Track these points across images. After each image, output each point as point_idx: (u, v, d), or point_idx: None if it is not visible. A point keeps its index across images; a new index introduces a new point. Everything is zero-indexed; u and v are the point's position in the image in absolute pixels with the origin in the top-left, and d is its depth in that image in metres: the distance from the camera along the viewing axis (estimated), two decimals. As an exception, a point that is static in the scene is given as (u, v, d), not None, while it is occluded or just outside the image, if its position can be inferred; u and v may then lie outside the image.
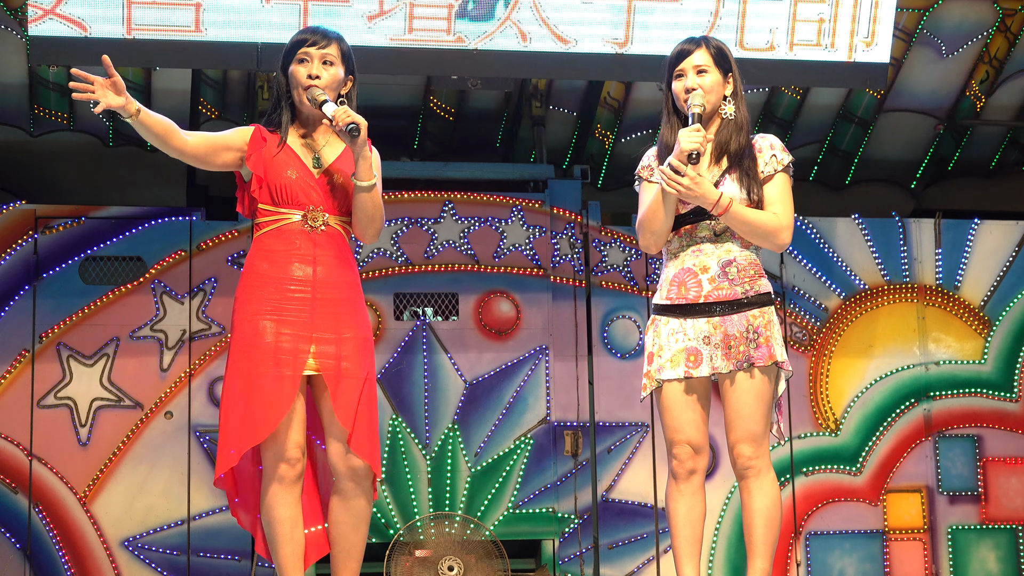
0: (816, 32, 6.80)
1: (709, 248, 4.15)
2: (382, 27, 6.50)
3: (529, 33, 6.58)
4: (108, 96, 3.90)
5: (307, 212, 4.05)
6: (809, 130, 8.37)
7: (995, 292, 7.70)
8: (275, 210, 4.07)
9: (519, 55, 6.73)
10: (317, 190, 4.07)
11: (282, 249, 4.04)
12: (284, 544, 4.03)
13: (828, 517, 7.41)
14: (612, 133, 8.11)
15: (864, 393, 7.51)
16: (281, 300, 4.02)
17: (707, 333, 4.11)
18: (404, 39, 6.53)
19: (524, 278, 7.27)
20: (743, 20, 6.75)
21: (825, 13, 6.78)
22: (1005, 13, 7.92)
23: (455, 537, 6.81)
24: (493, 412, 7.14)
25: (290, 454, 4.02)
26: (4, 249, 6.89)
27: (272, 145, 4.09)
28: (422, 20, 6.50)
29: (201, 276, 7.02)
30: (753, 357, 4.08)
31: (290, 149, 4.10)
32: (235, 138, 4.11)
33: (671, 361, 4.13)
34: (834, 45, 6.82)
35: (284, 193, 4.05)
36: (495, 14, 6.54)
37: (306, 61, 4.07)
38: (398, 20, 6.47)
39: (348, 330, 4.06)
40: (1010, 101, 8.39)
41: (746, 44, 6.77)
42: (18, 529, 6.73)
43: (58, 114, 7.63)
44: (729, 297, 4.11)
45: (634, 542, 7.19)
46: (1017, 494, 7.57)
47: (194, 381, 6.94)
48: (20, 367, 6.82)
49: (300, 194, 4.05)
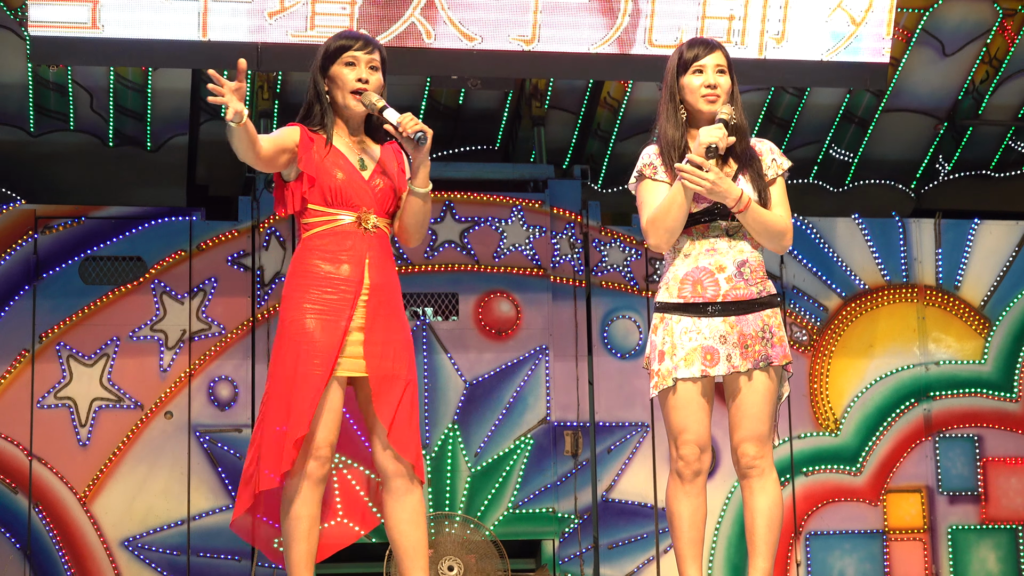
0: (726, 30, 6.77)
1: (724, 247, 4.15)
2: (283, 24, 6.41)
3: (434, 31, 6.53)
4: (234, 101, 3.88)
5: (360, 214, 4.07)
6: (809, 130, 8.37)
7: (995, 292, 7.70)
8: (326, 211, 4.06)
9: (519, 55, 6.72)
10: (367, 192, 4.09)
11: (334, 249, 4.05)
12: (300, 541, 4.00)
13: (828, 517, 7.41)
14: (612, 133, 8.12)
15: (864, 393, 7.51)
16: (333, 299, 4.02)
17: (723, 332, 4.11)
18: (306, 35, 6.45)
19: (524, 278, 7.27)
20: (652, 19, 6.69)
21: (736, 11, 6.75)
22: (1005, 13, 7.92)
23: (455, 537, 6.81)
24: (493, 412, 7.14)
25: (321, 452, 3.99)
26: (4, 249, 6.89)
27: (319, 146, 4.08)
28: (324, 16, 6.44)
29: (201, 276, 7.02)
30: (771, 356, 4.10)
31: (338, 150, 4.10)
32: (287, 139, 4.08)
33: (685, 360, 4.11)
34: (744, 43, 6.78)
35: (337, 194, 4.05)
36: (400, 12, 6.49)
37: (354, 65, 4.08)
38: (298, 18, 6.41)
39: (396, 332, 4.09)
40: (1010, 101, 8.39)
41: (655, 42, 6.72)
42: (18, 529, 6.73)
43: (58, 114, 7.63)
44: (746, 297, 4.12)
45: (634, 542, 7.19)
46: (1017, 494, 7.57)
47: (194, 381, 6.93)
48: (20, 367, 6.82)
49: (353, 196, 4.06)
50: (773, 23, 6.80)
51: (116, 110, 7.58)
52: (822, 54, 6.87)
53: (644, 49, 6.68)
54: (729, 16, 6.77)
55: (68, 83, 7.45)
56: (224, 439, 6.91)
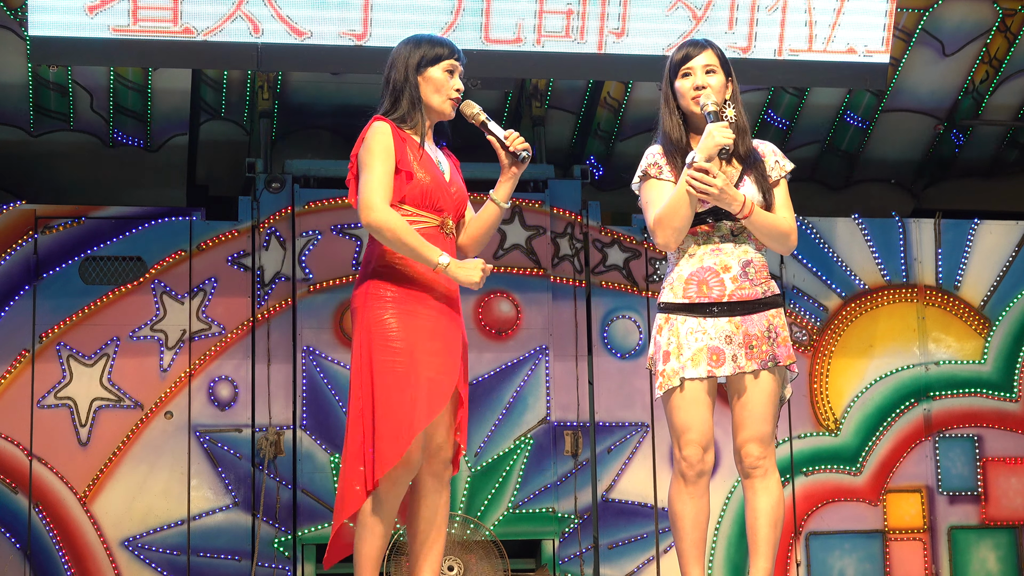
0: (564, 25, 6.71)
1: (729, 248, 4.15)
2: (103, 19, 6.31)
3: (262, 27, 6.48)
4: None
5: (443, 218, 4.09)
6: (809, 130, 8.37)
7: (995, 292, 7.70)
8: (415, 211, 4.04)
9: (519, 55, 6.72)
10: (449, 196, 4.12)
11: None
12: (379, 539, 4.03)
13: (828, 517, 7.41)
14: (612, 133, 8.11)
15: (864, 393, 7.52)
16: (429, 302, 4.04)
17: (729, 332, 4.10)
18: (129, 31, 6.38)
19: (524, 278, 7.27)
20: (487, 17, 6.63)
21: (575, 6, 6.69)
22: (1005, 13, 7.92)
23: (455, 537, 6.81)
24: (493, 412, 7.13)
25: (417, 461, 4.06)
26: (4, 249, 6.89)
27: (412, 146, 4.08)
28: (146, 11, 6.36)
29: (201, 276, 7.02)
30: (778, 356, 4.10)
31: (427, 153, 4.12)
32: (390, 153, 4.02)
33: (692, 360, 4.10)
34: (584, 38, 6.71)
35: (429, 197, 4.06)
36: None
37: (453, 73, 4.15)
38: (120, 14, 6.34)
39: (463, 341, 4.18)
40: (1010, 101, 8.39)
41: (491, 37, 6.67)
42: (18, 529, 6.72)
43: (58, 114, 7.63)
44: (751, 297, 4.12)
45: (634, 542, 7.19)
46: (1017, 494, 7.57)
47: (194, 381, 6.93)
48: (20, 367, 6.82)
49: (439, 199, 4.08)
50: (613, 20, 6.71)
51: (116, 110, 7.58)
52: (663, 48, 6.75)
53: (481, 45, 6.59)
54: (567, 11, 6.67)
55: (68, 83, 7.45)
56: (224, 439, 6.91)
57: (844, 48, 6.95)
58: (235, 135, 7.84)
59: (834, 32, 6.93)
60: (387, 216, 3.94)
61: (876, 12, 6.96)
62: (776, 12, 6.85)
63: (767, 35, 6.89)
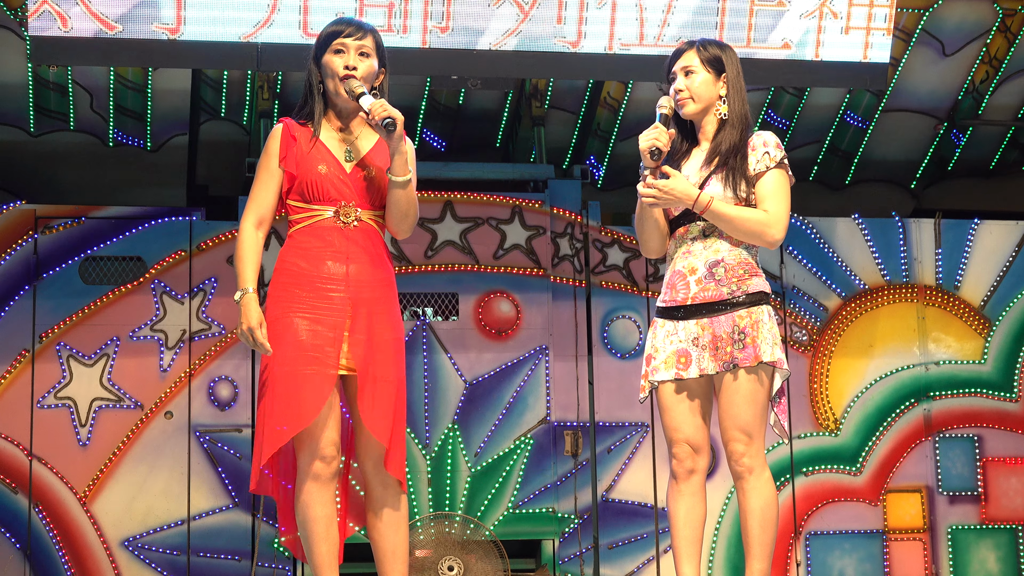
0: (386, 16, 6.59)
1: (698, 249, 4.16)
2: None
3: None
4: None
5: (339, 208, 3.99)
6: (809, 130, 8.37)
7: (995, 292, 7.70)
8: (307, 207, 4.00)
9: (519, 55, 6.72)
10: (349, 185, 4.00)
11: (316, 246, 3.98)
12: (320, 543, 3.97)
13: (828, 517, 7.41)
14: (612, 133, 8.12)
15: (864, 393, 7.52)
16: (315, 298, 3.96)
17: (696, 334, 4.12)
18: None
19: (524, 278, 7.27)
20: (306, 14, 6.45)
21: None
22: (1005, 13, 7.92)
23: (455, 537, 6.81)
24: (493, 412, 7.14)
25: (325, 451, 3.95)
26: (4, 249, 6.89)
27: (304, 140, 4.02)
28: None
29: (201, 276, 7.02)
30: (737, 358, 4.07)
31: (322, 143, 4.02)
32: (272, 161, 4.03)
33: (664, 363, 4.15)
34: (407, 31, 6.54)
35: (315, 189, 3.98)
36: None
37: (342, 52, 4.00)
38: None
39: (383, 331, 4.03)
40: (1010, 101, 8.39)
41: (310, 31, 6.44)
42: (18, 529, 6.73)
43: (58, 114, 7.64)
44: (715, 298, 4.11)
45: (634, 542, 7.19)
46: (1017, 494, 7.57)
47: (194, 381, 6.94)
48: (20, 367, 6.82)
49: (331, 189, 3.99)
50: (436, 17, 6.61)
51: (116, 110, 7.58)
52: (490, 43, 6.69)
53: (300, 39, 6.44)
54: (388, 4, 6.56)
55: (68, 83, 7.45)
56: (224, 439, 6.91)
57: (675, 42, 6.81)
58: (235, 135, 7.85)
59: (662, 31, 6.86)
60: (240, 232, 4.01)
61: (709, 12, 6.89)
62: (606, 8, 6.74)
63: (596, 33, 6.78)
